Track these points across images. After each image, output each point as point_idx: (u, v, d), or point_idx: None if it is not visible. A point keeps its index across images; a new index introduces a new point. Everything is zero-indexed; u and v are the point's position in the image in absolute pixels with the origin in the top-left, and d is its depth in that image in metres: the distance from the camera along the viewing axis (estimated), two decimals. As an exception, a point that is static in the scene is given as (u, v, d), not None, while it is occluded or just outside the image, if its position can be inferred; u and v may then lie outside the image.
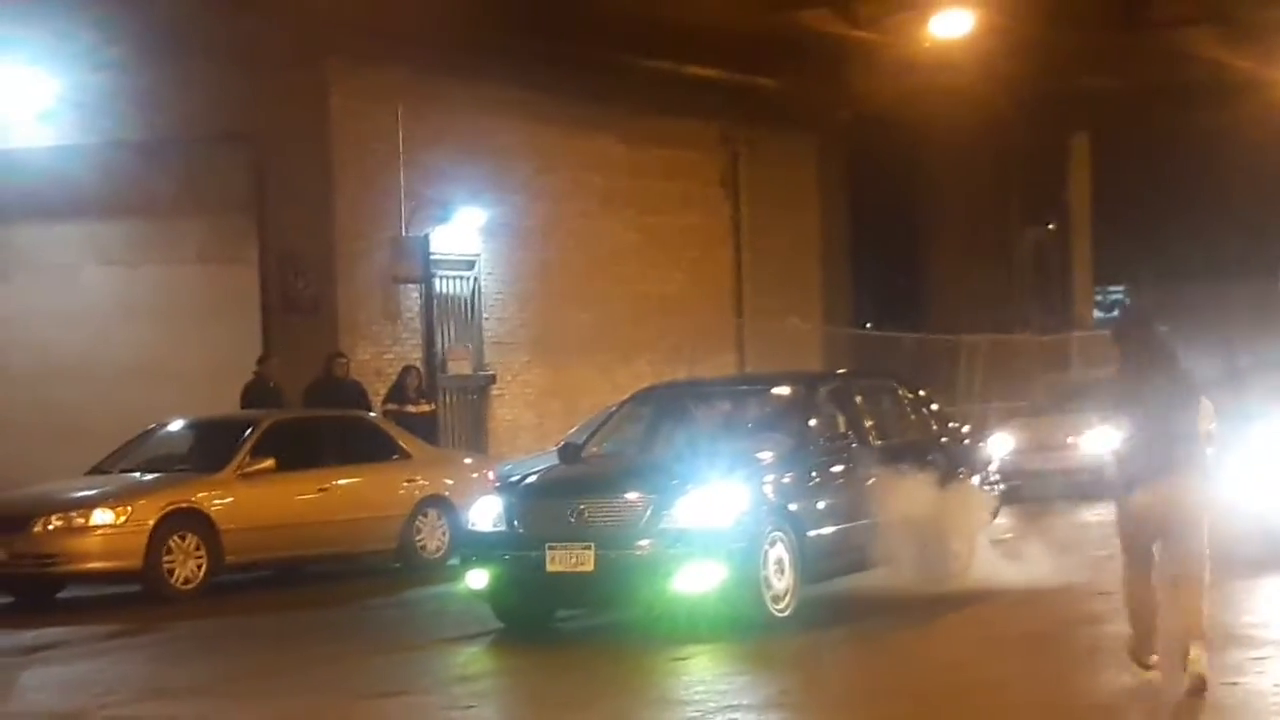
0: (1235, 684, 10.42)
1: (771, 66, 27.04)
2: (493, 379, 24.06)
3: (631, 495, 12.99)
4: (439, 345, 23.42)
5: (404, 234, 22.94)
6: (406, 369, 21.65)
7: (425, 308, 23.32)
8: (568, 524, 12.86)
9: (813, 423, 14.22)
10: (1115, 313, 40.63)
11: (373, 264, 22.78)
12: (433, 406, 21.68)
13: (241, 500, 16.90)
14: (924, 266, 34.41)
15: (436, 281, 23.51)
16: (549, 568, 12.77)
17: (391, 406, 20.82)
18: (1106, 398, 11.69)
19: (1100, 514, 16.17)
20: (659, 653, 12.20)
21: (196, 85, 21.90)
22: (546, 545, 12.79)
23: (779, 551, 12.95)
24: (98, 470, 17.70)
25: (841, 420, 14.39)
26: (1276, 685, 10.33)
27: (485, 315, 24.28)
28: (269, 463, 17.16)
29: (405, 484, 18.11)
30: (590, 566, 12.64)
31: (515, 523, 13.13)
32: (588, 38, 23.81)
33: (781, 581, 12.94)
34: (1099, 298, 39.73)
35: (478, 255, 24.19)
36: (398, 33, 21.67)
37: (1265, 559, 15.16)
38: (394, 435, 18.68)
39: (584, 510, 12.88)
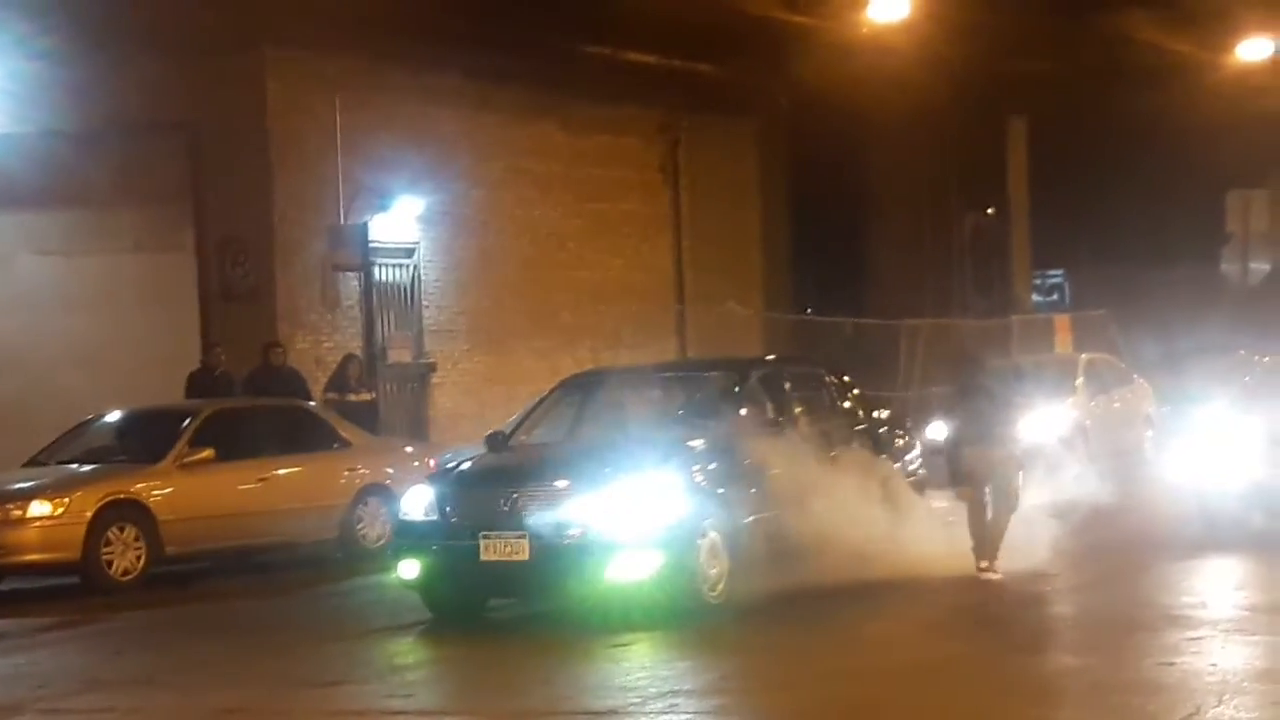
0: (1172, 664, 10.57)
1: (711, 52, 27.06)
2: (433, 367, 24.03)
3: (565, 483, 12.93)
4: (379, 333, 23.38)
5: (343, 222, 22.88)
6: (347, 357, 21.60)
7: (364, 296, 23.28)
8: (501, 513, 12.79)
9: (743, 409, 14.27)
10: (1054, 296, 40.93)
11: (311, 252, 22.70)
12: (373, 395, 21.64)
13: (181, 491, 16.83)
14: (864, 251, 34.51)
15: (376, 270, 23.47)
16: (483, 557, 12.73)
17: (332, 395, 20.77)
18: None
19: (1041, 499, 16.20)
20: (595, 640, 12.15)
21: (131, 73, 21.77)
22: (480, 534, 12.74)
23: (713, 539, 12.97)
24: (34, 462, 17.61)
25: (771, 407, 14.48)
26: (1213, 665, 10.45)
27: (425, 303, 24.23)
28: (208, 453, 17.10)
29: (346, 473, 18.08)
30: (525, 555, 12.60)
31: (448, 512, 13.09)
32: (527, 23, 23.77)
33: (715, 569, 12.96)
34: (1038, 281, 39.94)
35: (417, 243, 24.14)
36: (336, 19, 21.55)
37: (1204, 541, 15.34)
38: (334, 424, 18.64)
39: (518, 499, 12.80)
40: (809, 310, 31.91)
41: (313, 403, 19.85)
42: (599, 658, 11.79)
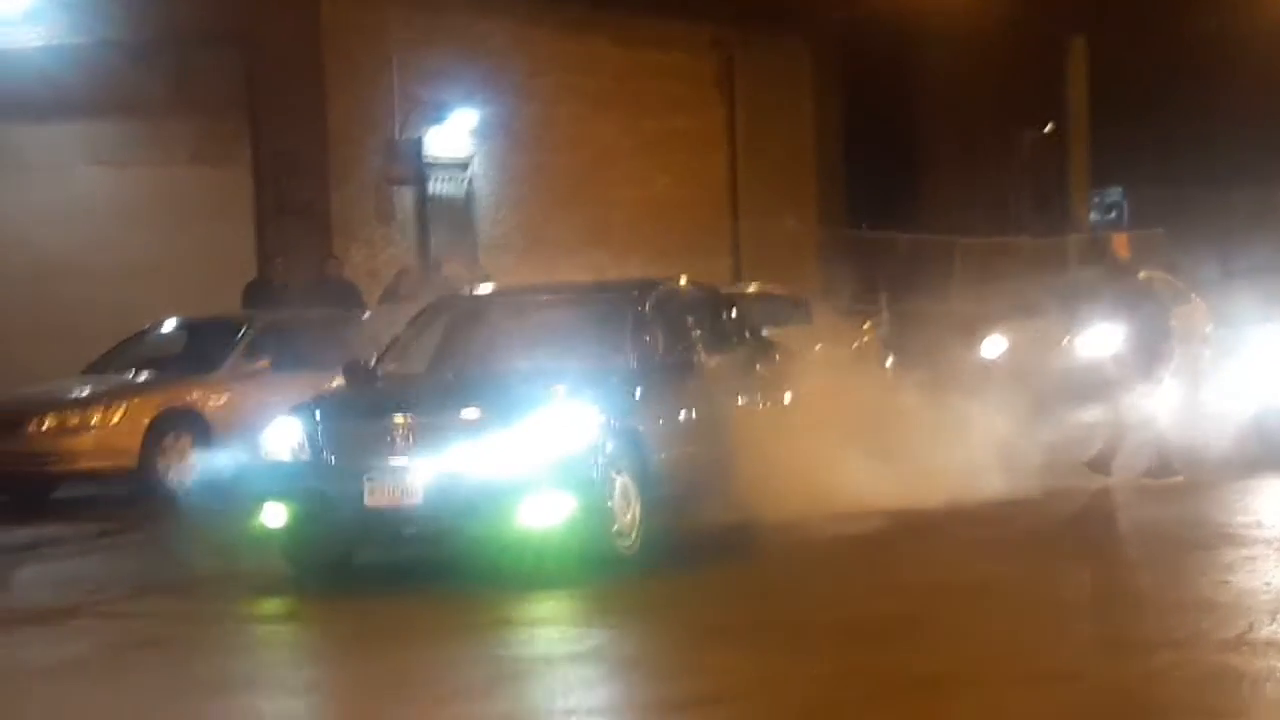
0: (1226, 582, 10.60)
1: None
2: (487, 281, 24.04)
3: (468, 414, 11.48)
4: (432, 247, 23.42)
5: (397, 136, 22.89)
6: (400, 270, 21.65)
7: (418, 210, 23.32)
8: (390, 450, 11.30)
9: (647, 337, 12.76)
10: (1111, 215, 40.70)
11: (366, 166, 22.75)
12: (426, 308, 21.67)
13: (236, 400, 16.94)
14: (920, 168, 34.36)
15: (429, 184, 23.50)
16: (367, 501, 11.21)
17: (385, 308, 20.82)
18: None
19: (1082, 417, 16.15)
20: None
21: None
22: (365, 475, 11.23)
23: (625, 481, 11.61)
24: (92, 370, 17.76)
25: (672, 332, 13.09)
26: (1267, 584, 10.48)
27: (478, 218, 24.26)
28: (264, 363, 17.21)
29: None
30: (417, 499, 11.16)
31: (323, 450, 11.51)
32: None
33: (628, 514, 11.61)
34: (1095, 200, 39.73)
35: (470, 157, 24.16)
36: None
37: (1260, 460, 15.29)
38: (387, 337, 18.70)
39: (409, 433, 11.34)
40: (864, 226, 31.81)
41: (367, 314, 19.92)
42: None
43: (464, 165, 24.14)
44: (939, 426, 14.77)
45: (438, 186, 23.78)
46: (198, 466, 16.44)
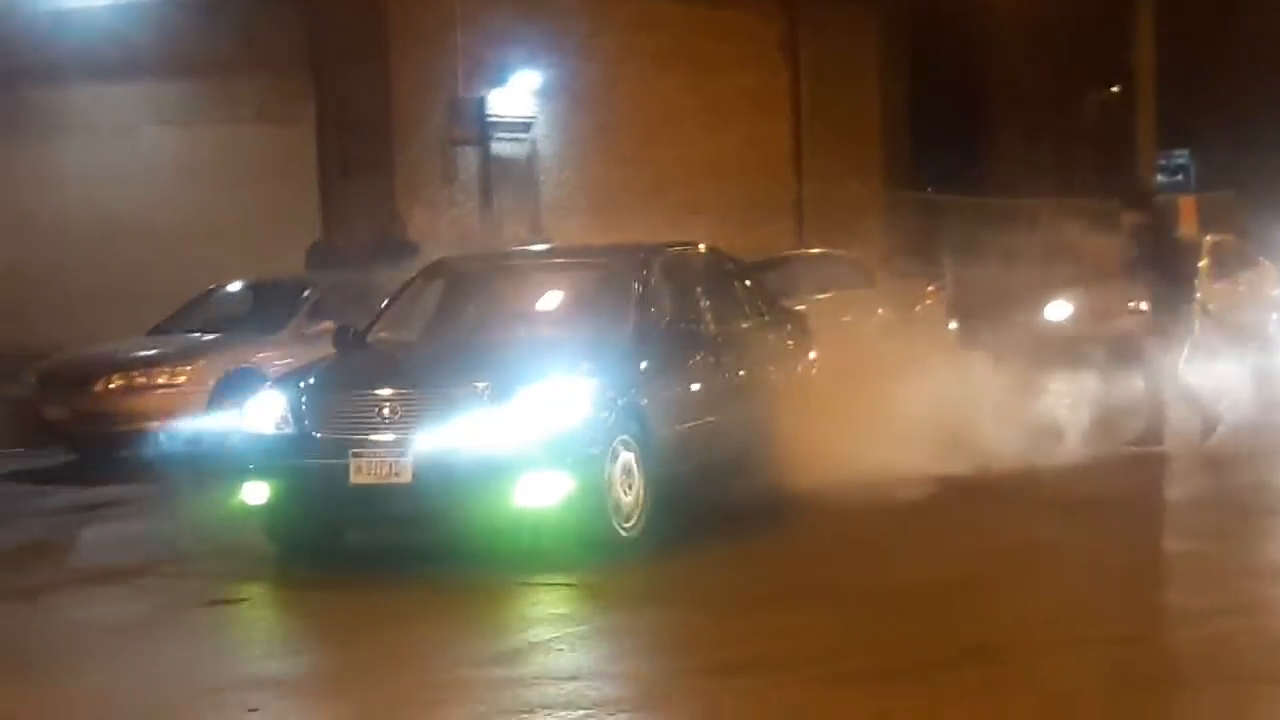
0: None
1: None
2: (548, 242, 24.10)
3: (459, 388, 10.79)
4: (495, 208, 23.48)
5: (460, 96, 22.95)
6: (465, 231, 21.72)
7: (481, 171, 23.38)
8: (378, 425, 10.72)
9: (653, 305, 12.09)
10: (1178, 177, 40.38)
11: (429, 126, 22.82)
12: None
13: (299, 362, 17.01)
14: (985, 131, 34.21)
15: (493, 144, 23.56)
16: (353, 479, 10.62)
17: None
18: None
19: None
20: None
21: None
22: (351, 452, 10.65)
23: (626, 458, 11.02)
24: (158, 331, 17.91)
25: (684, 302, 12.45)
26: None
27: (541, 179, 24.31)
28: (327, 324, 17.29)
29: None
30: (407, 478, 10.54)
31: (307, 424, 10.90)
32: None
33: (630, 494, 11.03)
34: (1162, 162, 39.42)
35: (534, 118, 24.20)
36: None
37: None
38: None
39: (400, 408, 10.74)
40: (928, 189, 31.69)
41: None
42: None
43: (527, 126, 24.19)
44: (998, 391, 14.72)
45: (500, 147, 23.83)
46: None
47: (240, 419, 11.37)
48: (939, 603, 9.57)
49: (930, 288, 21.98)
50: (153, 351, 17.07)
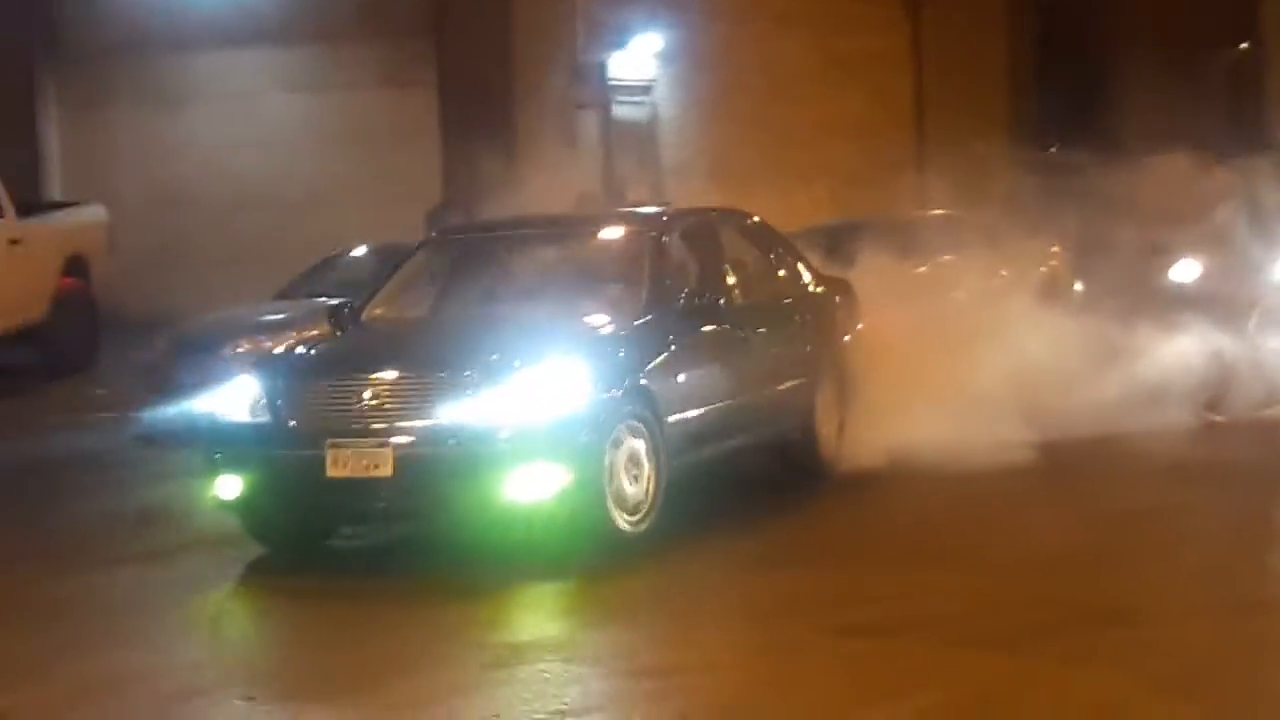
0: None
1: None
2: (669, 205, 24.17)
3: (444, 374, 9.92)
4: (617, 171, 23.61)
5: (581, 59, 23.06)
6: (581, 195, 21.84)
7: (602, 134, 23.51)
8: (356, 414, 9.85)
9: (668, 277, 11.22)
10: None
11: (550, 89, 22.96)
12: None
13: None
14: (1112, 89, 33.86)
15: (614, 107, 23.67)
16: (330, 472, 9.75)
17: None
18: None
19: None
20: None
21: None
22: (327, 442, 9.77)
23: (633, 445, 10.19)
24: (283, 295, 18.15)
25: (705, 274, 11.54)
26: None
27: (663, 141, 24.40)
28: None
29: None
30: (388, 470, 9.67)
31: (282, 412, 10.06)
32: None
33: (637, 485, 10.19)
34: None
35: (655, 80, 24.29)
36: None
37: None
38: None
39: (378, 393, 9.88)
40: (1054, 148, 31.45)
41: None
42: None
43: (648, 88, 24.30)
44: (1117, 354, 14.62)
45: (621, 110, 23.95)
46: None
47: (215, 404, 10.48)
48: (1069, 566, 9.58)
49: (1055, 248, 21.85)
50: (280, 316, 17.29)
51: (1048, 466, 12.39)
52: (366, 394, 9.91)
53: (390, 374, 10.05)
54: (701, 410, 10.89)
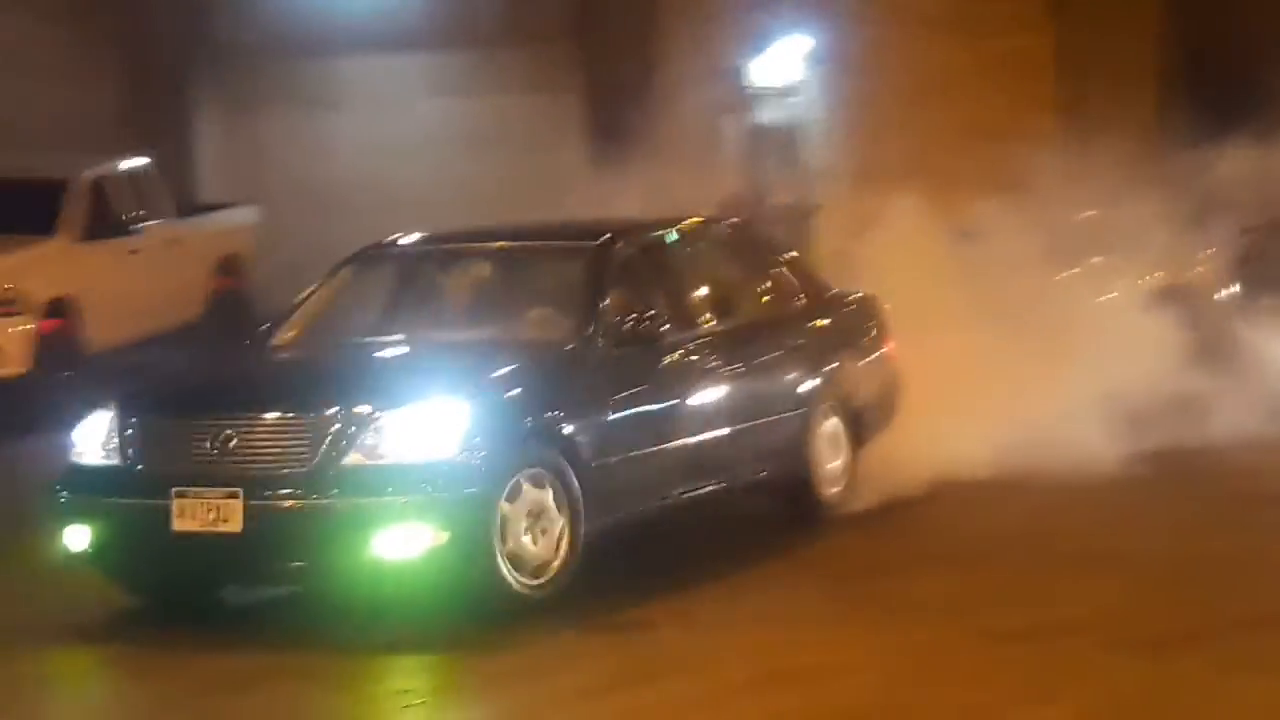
0: None
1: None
2: (816, 209, 24.28)
3: (306, 415, 8.76)
4: (761, 175, 23.73)
5: (725, 63, 23.21)
6: (727, 197, 21.98)
7: (746, 138, 23.63)
8: (207, 458, 8.74)
9: (607, 298, 9.88)
10: None
11: (694, 93, 23.09)
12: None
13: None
14: (1263, 88, 33.45)
15: (758, 111, 23.79)
16: (175, 525, 8.67)
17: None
18: None
19: None
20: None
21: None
22: (173, 491, 8.68)
23: (536, 496, 8.97)
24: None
25: (655, 292, 10.24)
26: None
27: (808, 144, 24.48)
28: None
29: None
30: (236, 525, 8.57)
31: (131, 454, 8.95)
32: None
33: (541, 542, 8.96)
34: None
35: (799, 84, 24.39)
36: None
37: None
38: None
39: (231, 437, 8.72)
40: (1204, 147, 31.09)
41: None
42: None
43: (791, 92, 24.40)
44: (1269, 359, 14.48)
45: (765, 114, 24.08)
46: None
47: (69, 445, 9.33)
48: (1218, 572, 9.60)
49: (1208, 251, 21.67)
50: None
51: (1186, 471, 12.34)
52: (220, 437, 8.76)
53: (247, 415, 8.89)
54: (644, 452, 9.65)
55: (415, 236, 11.63)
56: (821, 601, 9.50)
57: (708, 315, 10.54)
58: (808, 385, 11.02)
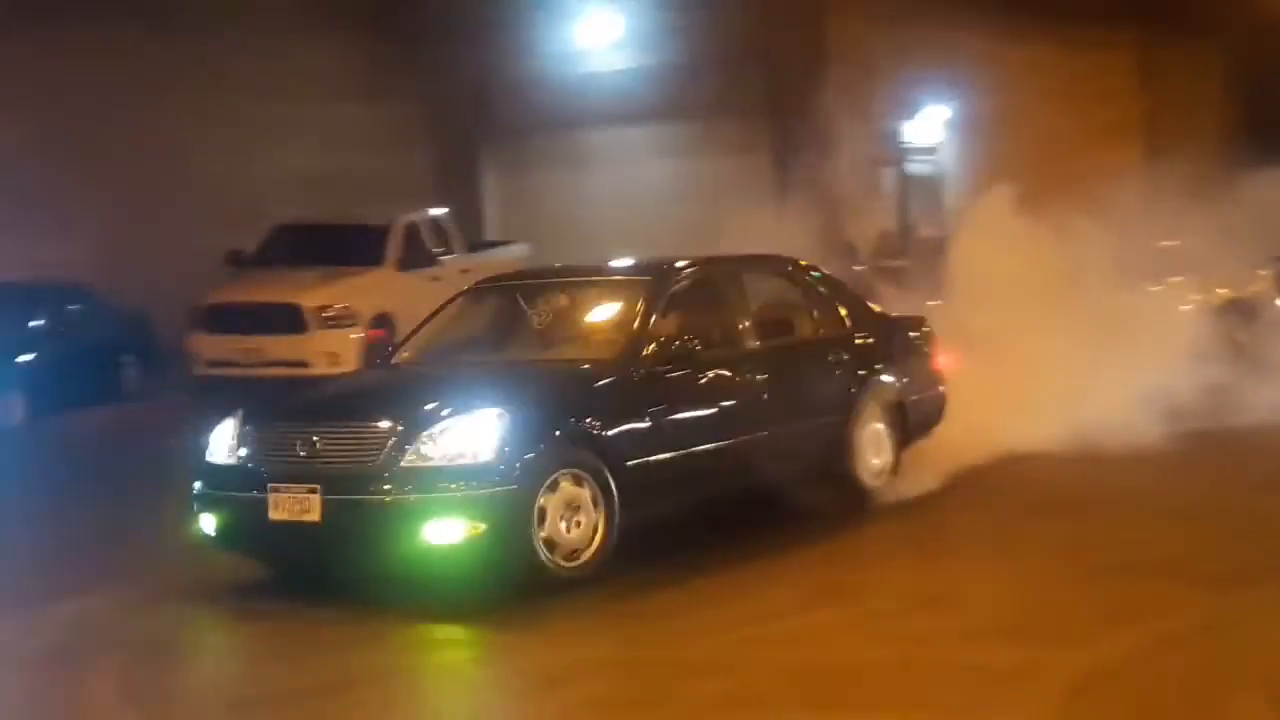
0: None
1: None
2: (950, 240, 23.97)
3: (378, 424, 8.29)
4: (909, 215, 23.53)
5: (882, 126, 23.05)
6: (883, 232, 21.84)
7: (898, 186, 23.45)
8: (296, 459, 8.34)
9: (652, 323, 9.14)
10: None
11: (858, 151, 22.95)
12: (905, 263, 21.86)
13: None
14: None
15: (907, 165, 23.57)
16: (271, 515, 8.28)
17: (871, 263, 21.07)
18: None
19: None
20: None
21: (722, 18, 22.45)
22: (269, 486, 8.32)
23: (573, 491, 8.31)
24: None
25: (701, 318, 9.50)
26: None
27: (948, 190, 24.20)
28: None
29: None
30: (316, 516, 8.16)
31: (244, 455, 8.59)
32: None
33: (577, 530, 8.31)
34: None
35: (940, 143, 24.11)
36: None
37: None
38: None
39: (317, 442, 8.32)
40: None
41: (858, 268, 20.18)
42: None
43: (934, 150, 24.13)
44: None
45: (913, 167, 23.85)
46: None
47: (204, 446, 8.90)
48: (1272, 524, 9.31)
49: (1262, 272, 21.01)
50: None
51: (1241, 445, 11.96)
52: (309, 440, 8.32)
53: (329, 424, 8.43)
54: (679, 454, 8.83)
55: (514, 273, 11.33)
56: (952, 544, 9.36)
57: (751, 337, 9.69)
58: (849, 395, 10.11)
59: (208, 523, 8.64)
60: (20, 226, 19.05)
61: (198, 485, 8.70)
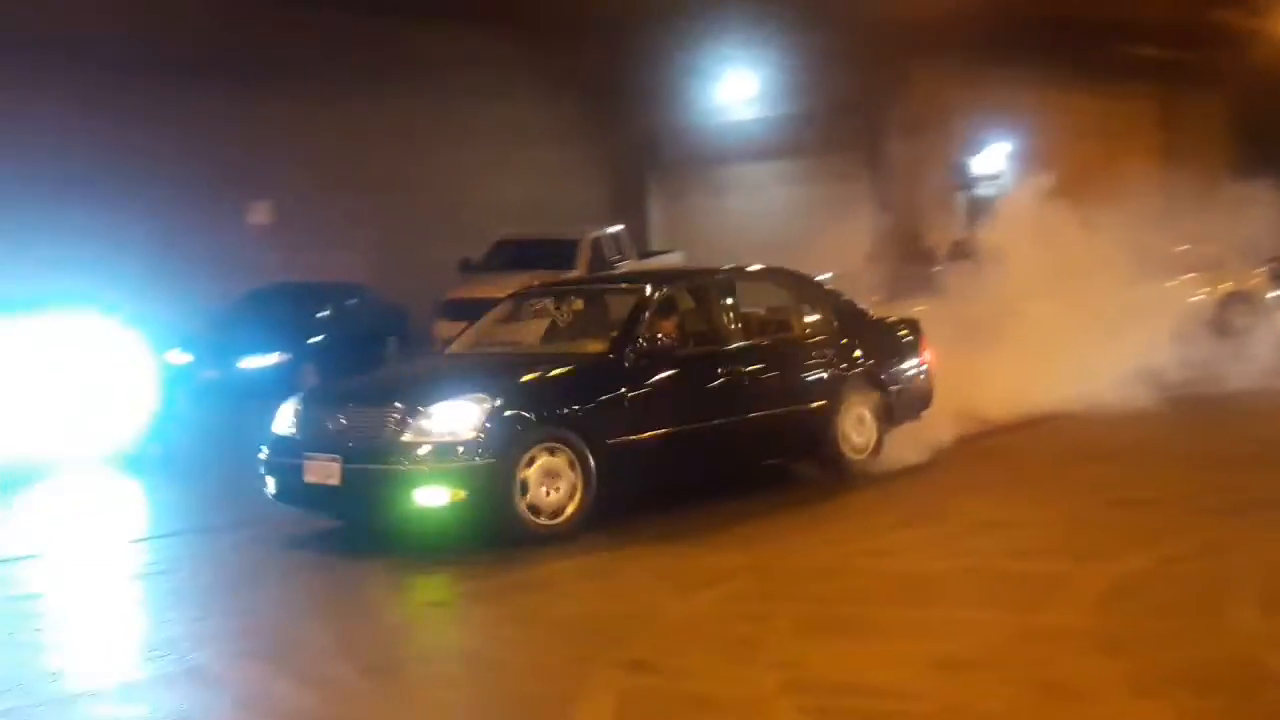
0: None
1: (1191, 44, 25.07)
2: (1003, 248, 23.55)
3: (389, 405, 7.81)
4: (976, 230, 23.10)
5: (956, 158, 22.69)
6: (957, 240, 21.45)
7: (968, 206, 23.08)
8: (326, 433, 7.95)
9: (640, 324, 8.36)
10: None
11: (935, 179, 22.68)
12: (973, 264, 21.46)
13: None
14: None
15: (976, 189, 23.19)
16: (305, 478, 7.91)
17: (945, 266, 20.73)
18: None
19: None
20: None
21: (828, 76, 22.31)
22: (305, 455, 7.94)
23: (552, 462, 7.68)
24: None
25: (691, 319, 8.75)
26: None
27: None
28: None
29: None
30: (337, 480, 7.77)
31: (295, 429, 8.17)
32: (1067, 33, 22.82)
33: (556, 494, 7.69)
34: None
35: (1001, 172, 23.67)
36: (948, 39, 21.40)
37: None
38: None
39: (343, 419, 7.93)
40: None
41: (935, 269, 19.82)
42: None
43: (997, 177, 23.69)
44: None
45: (980, 190, 23.44)
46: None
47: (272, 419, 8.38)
48: (1269, 464, 9.04)
49: (1260, 269, 20.21)
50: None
51: (1241, 406, 11.55)
52: (337, 418, 7.90)
53: (352, 405, 7.95)
54: (657, 434, 8.06)
55: (550, 281, 10.57)
56: (1004, 483, 9.12)
57: (738, 336, 8.78)
58: (832, 384, 9.09)
59: (270, 482, 8.19)
60: (314, 244, 20.04)
61: (264, 452, 8.22)
